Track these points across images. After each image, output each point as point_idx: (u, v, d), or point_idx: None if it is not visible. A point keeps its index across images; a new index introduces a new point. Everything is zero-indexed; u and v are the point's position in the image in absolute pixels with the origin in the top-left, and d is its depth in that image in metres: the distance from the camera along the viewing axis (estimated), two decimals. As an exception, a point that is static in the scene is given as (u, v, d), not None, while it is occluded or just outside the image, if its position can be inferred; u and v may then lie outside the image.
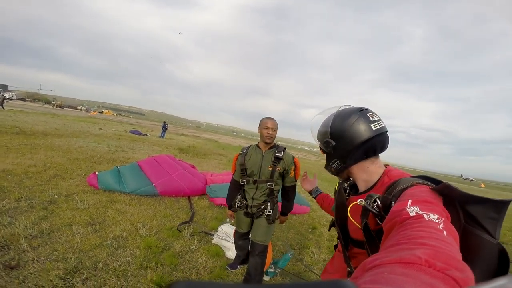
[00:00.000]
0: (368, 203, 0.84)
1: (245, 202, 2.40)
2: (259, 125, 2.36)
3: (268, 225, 2.37)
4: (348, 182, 1.10)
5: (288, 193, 2.46)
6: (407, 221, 0.59)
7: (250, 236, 2.66)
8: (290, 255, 3.15)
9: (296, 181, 2.42)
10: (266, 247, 2.39)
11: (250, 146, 2.46)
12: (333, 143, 0.98)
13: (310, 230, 4.80)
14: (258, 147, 2.39)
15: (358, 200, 0.90)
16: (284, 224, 4.52)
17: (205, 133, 65.69)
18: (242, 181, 2.40)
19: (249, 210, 2.40)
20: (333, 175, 1.09)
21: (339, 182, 1.17)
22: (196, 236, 3.55)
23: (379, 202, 0.83)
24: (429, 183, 0.78)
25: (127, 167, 5.68)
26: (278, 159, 2.29)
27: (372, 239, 0.85)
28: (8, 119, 15.30)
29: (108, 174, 5.30)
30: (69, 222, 3.32)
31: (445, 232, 0.53)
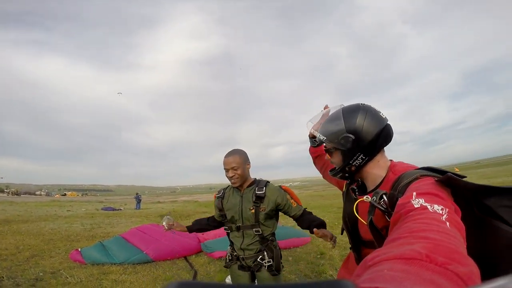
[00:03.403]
0: (374, 199, 0.82)
1: (235, 253, 1.93)
2: (224, 165, 1.90)
3: (273, 277, 1.87)
4: (357, 183, 1.07)
5: (307, 215, 1.91)
6: (411, 212, 0.58)
7: None
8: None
9: (302, 207, 1.96)
10: None
11: (228, 186, 2.01)
12: (353, 137, 0.93)
13: (318, 256, 4.76)
14: (237, 187, 1.95)
15: (365, 197, 0.88)
16: (290, 258, 4.44)
17: (181, 196, 63.08)
18: (225, 229, 1.99)
19: (244, 263, 1.90)
20: (343, 179, 1.07)
21: (346, 183, 1.15)
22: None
23: (385, 198, 0.81)
24: (433, 174, 0.76)
25: (111, 241, 5.53)
26: (259, 198, 1.84)
27: (380, 237, 0.83)
28: (-41, 211, 13.74)
29: (92, 249, 5.05)
30: (64, 297, 2.96)
31: (448, 223, 0.52)
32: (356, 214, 0.94)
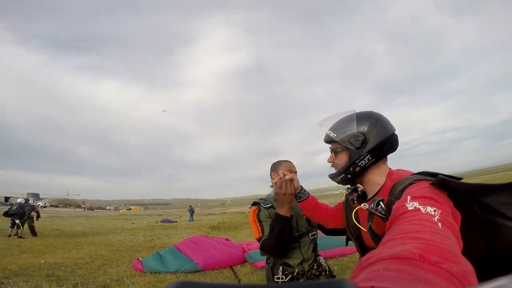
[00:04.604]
0: (372, 206, 0.84)
1: (291, 272, 1.65)
2: (273, 170, 1.77)
3: None
4: (357, 193, 1.10)
5: None
6: (404, 214, 0.60)
7: None
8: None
9: None
10: None
11: (268, 196, 1.81)
12: (363, 137, 0.97)
13: (368, 266, 4.55)
14: None
15: (362, 204, 0.90)
16: (336, 267, 4.35)
17: (231, 207, 65.00)
18: None
19: (304, 278, 1.66)
20: (344, 183, 1.06)
21: (346, 194, 1.17)
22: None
23: (383, 205, 0.83)
24: (428, 178, 0.77)
25: (166, 251, 6.12)
26: None
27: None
28: (47, 224, 16.22)
29: (151, 258, 5.64)
30: (125, 301, 3.40)
31: (440, 224, 0.53)
32: (355, 222, 0.98)
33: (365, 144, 0.97)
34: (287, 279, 1.63)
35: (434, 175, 0.76)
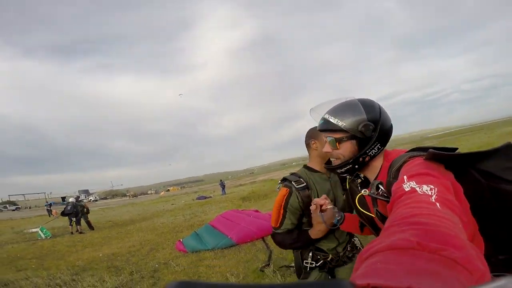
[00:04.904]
0: (373, 191, 0.84)
1: (323, 258, 1.53)
2: (314, 137, 1.52)
3: None
4: (359, 180, 1.07)
5: None
6: (402, 197, 0.58)
7: None
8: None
9: None
10: None
11: (302, 171, 1.57)
12: (373, 125, 0.91)
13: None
14: (314, 170, 1.55)
15: (363, 191, 0.90)
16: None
17: (259, 176, 67.09)
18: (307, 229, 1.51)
19: (337, 263, 1.54)
20: (347, 174, 1.01)
21: (348, 182, 1.16)
22: (278, 272, 3.79)
23: (382, 187, 0.82)
24: (421, 153, 0.76)
25: (202, 229, 6.70)
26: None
27: None
28: (100, 216, 18.20)
29: (190, 238, 6.26)
30: (174, 282, 4.00)
31: (438, 204, 0.51)
32: (359, 207, 0.99)
33: (375, 133, 0.92)
34: (318, 264, 1.52)
35: (427, 150, 0.74)
